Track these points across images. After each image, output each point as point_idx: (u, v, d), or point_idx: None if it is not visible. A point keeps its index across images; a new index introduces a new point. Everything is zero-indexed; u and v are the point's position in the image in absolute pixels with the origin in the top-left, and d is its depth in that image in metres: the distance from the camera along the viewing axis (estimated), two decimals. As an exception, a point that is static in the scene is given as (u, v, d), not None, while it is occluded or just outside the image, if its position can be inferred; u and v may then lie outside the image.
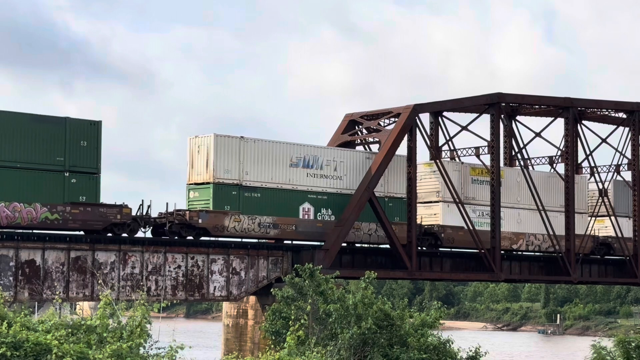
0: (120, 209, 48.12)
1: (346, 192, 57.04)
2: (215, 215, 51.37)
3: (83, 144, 47.25)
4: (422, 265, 62.29)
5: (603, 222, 71.13)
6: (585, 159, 72.20)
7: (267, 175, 53.82)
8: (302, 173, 55.32)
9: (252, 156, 53.26)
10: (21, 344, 23.49)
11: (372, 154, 59.20)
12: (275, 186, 54.12)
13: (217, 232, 51.60)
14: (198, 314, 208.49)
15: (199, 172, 52.34)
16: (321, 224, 55.67)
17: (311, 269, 36.98)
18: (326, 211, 56.12)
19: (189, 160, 52.78)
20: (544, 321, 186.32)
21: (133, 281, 48.82)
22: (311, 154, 55.87)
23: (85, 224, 47.35)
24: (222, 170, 51.99)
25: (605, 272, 74.26)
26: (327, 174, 56.45)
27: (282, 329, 36.62)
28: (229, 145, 52.46)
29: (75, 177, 47.05)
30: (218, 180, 51.81)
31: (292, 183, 54.80)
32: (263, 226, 53.15)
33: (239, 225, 52.15)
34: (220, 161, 51.95)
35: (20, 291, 45.68)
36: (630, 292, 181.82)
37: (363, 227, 57.44)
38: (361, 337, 34.62)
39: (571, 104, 69.68)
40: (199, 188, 52.29)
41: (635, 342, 35.88)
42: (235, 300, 53.90)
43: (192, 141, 52.82)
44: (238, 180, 52.60)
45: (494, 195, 63.86)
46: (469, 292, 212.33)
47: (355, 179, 57.51)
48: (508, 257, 66.93)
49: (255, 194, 53.20)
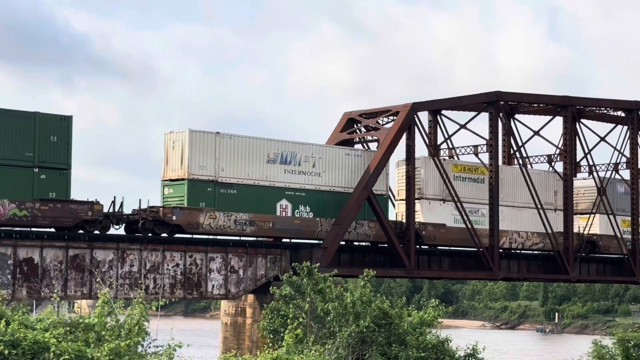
0: (91, 206, 47.14)
1: (325, 189, 56.20)
2: (189, 212, 50.51)
3: (53, 139, 46.11)
4: (421, 264, 62.29)
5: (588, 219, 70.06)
6: (584, 158, 72.22)
7: (244, 172, 52.85)
8: (280, 169, 54.36)
9: (228, 152, 52.30)
10: (19, 342, 23.45)
11: (352, 150, 58.50)
12: (252, 182, 53.11)
13: (191, 229, 50.61)
14: (196, 312, 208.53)
15: (173, 168, 51.38)
16: (299, 221, 54.84)
17: (309, 267, 36.98)
18: (304, 208, 55.26)
19: (164, 156, 51.81)
20: (542, 320, 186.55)
21: (131, 279, 48.79)
22: (289, 150, 54.87)
23: (55, 221, 46.28)
24: (196, 166, 51.04)
25: (604, 270, 74.28)
26: (306, 171, 55.48)
27: (280, 328, 36.61)
28: (204, 141, 51.50)
29: (45, 173, 45.98)
30: (193, 176, 50.86)
31: (269, 179, 53.78)
32: (239, 223, 52.23)
33: (214, 222, 51.25)
34: (195, 157, 50.97)
35: (19, 289, 45.65)
36: (629, 290, 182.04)
37: None
38: (359, 336, 34.62)
39: (570, 102, 69.68)
40: (174, 184, 51.34)
41: (635, 341, 35.90)
42: (233, 298, 53.89)
43: (167, 137, 51.86)
44: (213, 177, 51.61)
45: (492, 194, 63.87)
46: (468, 290, 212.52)
47: (334, 176, 56.71)
48: (506, 255, 66.91)
49: (232, 190, 52.28)
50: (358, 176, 57.63)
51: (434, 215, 61.22)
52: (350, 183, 57.34)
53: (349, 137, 62.79)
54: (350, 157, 57.80)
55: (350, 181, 57.39)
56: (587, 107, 72.18)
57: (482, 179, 64.12)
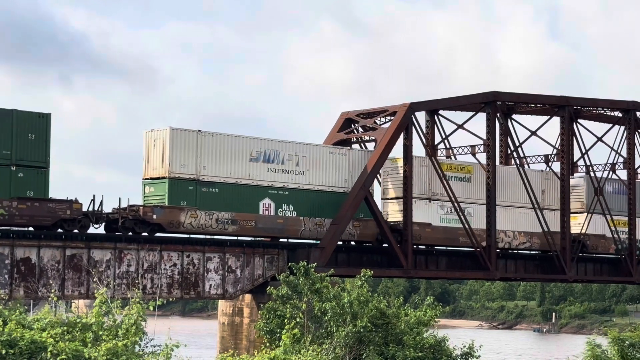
0: (70, 204, 46.44)
1: (309, 188, 55.60)
2: (170, 210, 49.99)
3: (31, 137, 45.38)
4: (418, 264, 62.30)
5: (576, 219, 69.37)
6: (581, 158, 72.28)
7: (226, 170, 52.25)
8: (263, 168, 53.76)
9: (210, 150, 51.60)
10: (16, 342, 23.46)
11: (336, 149, 57.83)
12: (234, 181, 52.46)
13: (172, 228, 50.08)
14: (194, 312, 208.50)
15: (154, 167, 50.66)
16: (282, 220, 54.31)
17: (305, 267, 37.00)
18: (287, 207, 54.64)
19: (144, 154, 51.21)
20: (540, 319, 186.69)
21: (129, 279, 48.77)
22: (272, 149, 54.16)
23: (33, 220, 45.60)
24: (178, 164, 50.46)
25: (601, 270, 74.32)
26: (289, 169, 54.89)
27: (276, 328, 36.62)
28: (186, 139, 50.91)
29: (23, 171, 45.29)
30: (174, 175, 50.24)
31: (252, 178, 53.11)
32: (221, 222, 51.69)
33: (195, 221, 50.75)
34: (176, 155, 50.32)
35: (16, 289, 45.62)
36: (626, 290, 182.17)
37: (326, 223, 56.00)
38: (357, 336, 34.65)
39: (567, 102, 69.74)
40: (155, 183, 50.76)
41: (630, 340, 35.93)
42: (230, 298, 53.90)
43: (147, 135, 51.07)
44: (195, 175, 51.01)
45: (489, 194, 63.87)
46: (465, 290, 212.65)
47: (318, 174, 56.13)
48: (504, 255, 66.92)
49: (213, 189, 51.69)
50: (343, 175, 57.11)
51: (419, 214, 60.41)
52: (334, 182, 56.85)
53: (346, 137, 62.81)
54: (334, 155, 57.15)
55: (335, 180, 56.88)
56: (584, 107, 72.26)
57: (469, 177, 63.32)
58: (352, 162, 57.77)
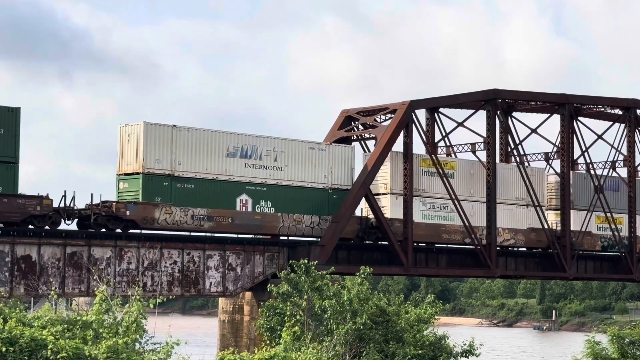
0: (40, 200, 45.60)
1: (287, 184, 54.68)
2: (144, 207, 49.18)
3: (0, 131, 44.76)
4: (418, 261, 62.30)
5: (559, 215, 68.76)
6: (581, 155, 72.28)
7: (202, 166, 51.47)
8: (240, 163, 52.93)
9: (185, 145, 50.86)
10: (16, 339, 23.47)
11: (316, 144, 56.82)
12: (211, 177, 51.73)
13: (146, 224, 49.30)
14: (194, 309, 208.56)
15: (128, 162, 49.96)
16: (260, 217, 53.44)
17: (306, 264, 37.02)
18: (265, 203, 53.87)
19: (119, 149, 50.62)
20: (540, 317, 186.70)
21: (129, 277, 48.79)
22: (249, 144, 53.31)
23: (2, 216, 44.77)
24: (152, 160, 49.65)
25: (601, 268, 74.34)
26: (267, 165, 54.09)
27: (277, 326, 36.65)
28: (160, 134, 50.12)
29: None
30: (148, 170, 49.47)
31: (228, 174, 52.36)
32: (197, 218, 50.97)
33: (170, 218, 50.02)
34: (150, 150, 49.59)
35: (16, 287, 45.65)
36: (626, 288, 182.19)
37: (305, 219, 55.36)
38: (356, 333, 34.66)
39: (567, 100, 69.75)
40: (129, 179, 49.95)
41: (629, 338, 35.93)
42: (231, 296, 53.92)
43: (122, 130, 50.44)
44: (170, 171, 50.25)
45: (489, 192, 63.87)
46: (465, 288, 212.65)
47: (297, 170, 55.28)
48: (504, 253, 66.91)
49: (189, 185, 50.99)
50: (322, 171, 56.24)
51: (401, 210, 59.77)
52: (314, 178, 56.01)
53: (346, 135, 62.81)
54: (314, 151, 56.18)
55: (314, 176, 56.03)
56: (584, 105, 72.27)
57: (452, 174, 62.40)
58: (332, 158, 56.81)
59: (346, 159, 57.66)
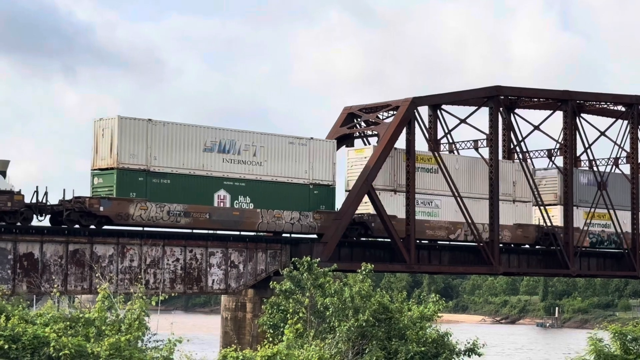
0: (11, 196, 44.96)
1: (267, 179, 53.72)
2: (118, 202, 48.30)
3: None
4: (421, 259, 62.25)
5: (550, 211, 67.74)
6: (584, 152, 72.22)
7: (178, 161, 50.50)
8: (218, 158, 51.94)
9: (161, 140, 49.95)
10: (19, 337, 23.49)
11: (296, 139, 55.71)
12: (187, 172, 50.76)
13: (120, 220, 48.51)
14: (196, 307, 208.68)
15: (102, 157, 49.04)
16: (238, 212, 52.45)
17: (309, 262, 36.99)
18: (244, 199, 52.95)
19: (93, 144, 49.54)
20: (543, 314, 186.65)
21: (131, 274, 48.78)
22: (227, 138, 52.37)
23: None
24: (127, 154, 48.70)
25: (604, 265, 74.28)
26: (246, 160, 53.15)
27: (280, 323, 36.62)
28: (135, 129, 49.19)
29: None
30: (122, 165, 48.55)
31: (206, 169, 51.41)
32: (173, 214, 50.15)
33: (145, 214, 49.11)
34: (125, 145, 48.64)
35: (19, 284, 45.67)
36: (629, 285, 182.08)
37: (285, 215, 54.58)
38: (359, 330, 34.64)
39: (570, 97, 69.68)
40: (103, 174, 49.13)
41: (632, 335, 35.88)
42: (233, 293, 53.92)
43: (96, 124, 49.43)
44: (145, 166, 49.33)
45: (492, 188, 63.80)
46: (468, 285, 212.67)
47: (277, 165, 54.35)
48: (507, 250, 66.84)
49: (165, 180, 50.10)
50: (302, 166, 55.32)
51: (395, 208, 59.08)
52: (294, 173, 55.07)
53: (349, 132, 62.78)
54: (294, 146, 55.21)
55: (294, 171, 55.12)
56: (587, 102, 72.18)
57: (436, 169, 61.43)
58: (313, 152, 55.92)
59: (328, 154, 56.60)
